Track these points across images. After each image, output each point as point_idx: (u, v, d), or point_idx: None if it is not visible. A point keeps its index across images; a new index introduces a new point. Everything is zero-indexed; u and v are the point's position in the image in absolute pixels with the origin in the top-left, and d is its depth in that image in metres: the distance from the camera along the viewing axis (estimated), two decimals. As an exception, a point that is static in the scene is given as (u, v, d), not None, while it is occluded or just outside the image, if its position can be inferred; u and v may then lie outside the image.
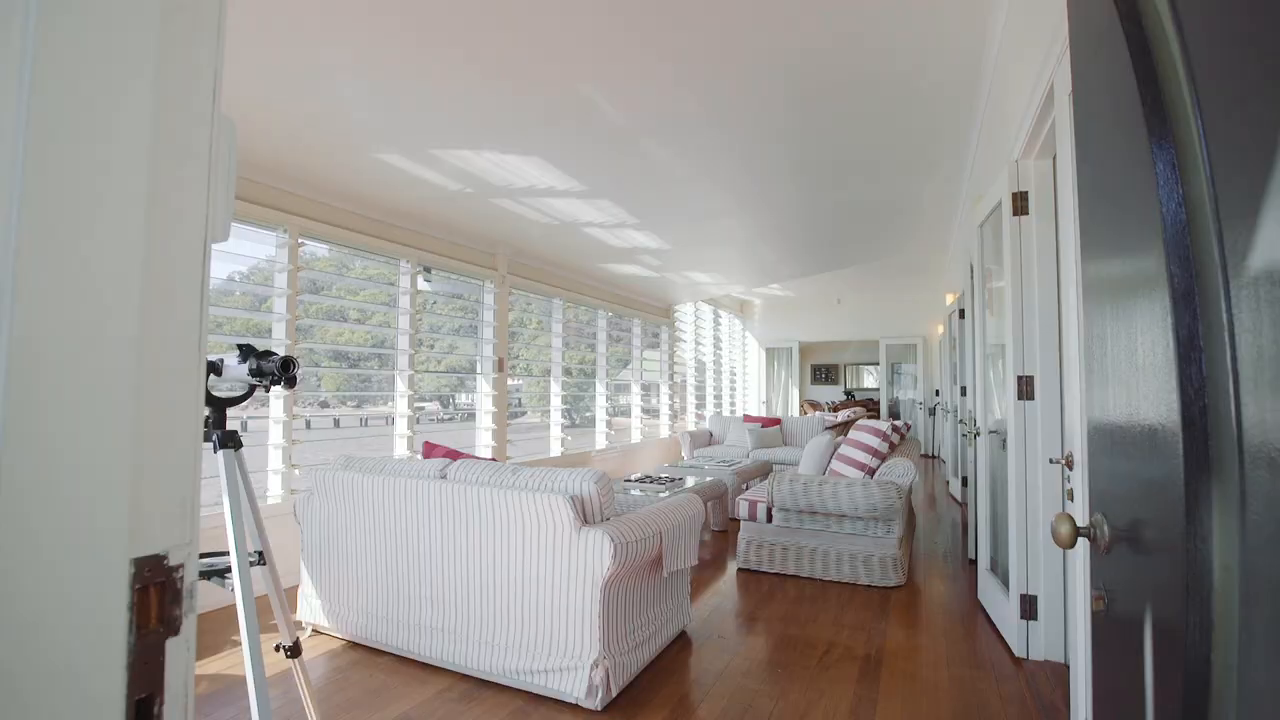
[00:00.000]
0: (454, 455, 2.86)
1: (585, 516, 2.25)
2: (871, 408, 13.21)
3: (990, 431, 3.17)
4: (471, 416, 6.16)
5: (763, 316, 11.97)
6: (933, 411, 10.58)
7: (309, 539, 2.85)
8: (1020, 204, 2.58)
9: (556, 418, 6.26)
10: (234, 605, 2.92)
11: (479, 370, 5.33)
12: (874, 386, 16.19)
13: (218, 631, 2.88)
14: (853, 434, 3.98)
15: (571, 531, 2.17)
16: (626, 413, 7.88)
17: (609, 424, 7.12)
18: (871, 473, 3.73)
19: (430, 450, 2.94)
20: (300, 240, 3.69)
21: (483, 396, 5.31)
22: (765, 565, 3.79)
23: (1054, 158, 2.51)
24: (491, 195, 4.21)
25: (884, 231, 6.23)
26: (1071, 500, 1.77)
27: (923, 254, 7.58)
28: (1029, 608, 2.52)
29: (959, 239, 6.06)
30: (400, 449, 4.42)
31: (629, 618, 2.35)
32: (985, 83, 3.05)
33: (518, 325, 6.24)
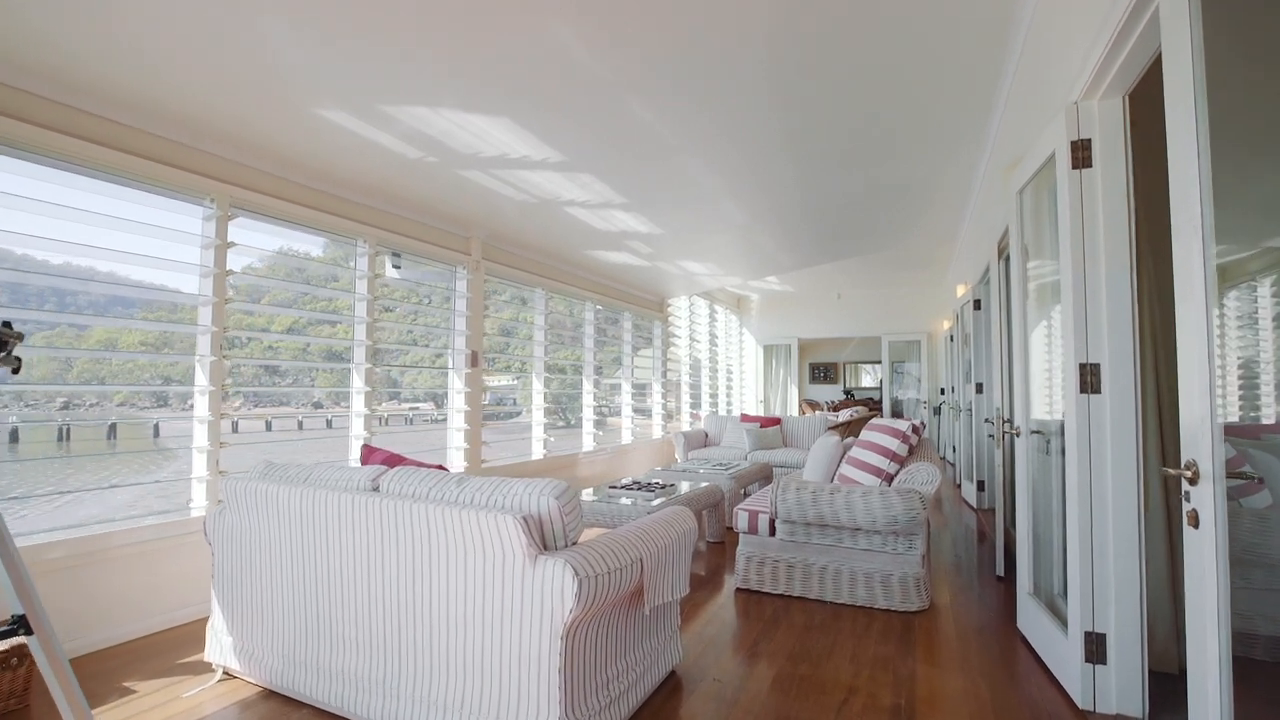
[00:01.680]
0: (394, 461, 2.37)
1: (544, 540, 1.77)
2: (873, 406, 12.76)
3: (1033, 432, 2.70)
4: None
5: (760, 312, 11.51)
6: (938, 410, 10.14)
7: (220, 562, 2.36)
8: (1082, 155, 2.11)
9: (539, 418, 5.77)
10: (146, 636, 2.38)
11: (450, 365, 4.84)
12: (872, 386, 15.78)
13: (110, 676, 2.39)
14: (866, 435, 3.51)
15: (524, 561, 1.69)
16: (619, 412, 7.40)
17: (599, 425, 6.63)
18: (889, 479, 3.25)
19: (369, 455, 2.46)
20: (232, 212, 3.19)
21: (455, 394, 4.82)
22: (768, 585, 3.31)
23: (1125, 96, 2.05)
24: (458, 165, 3.72)
25: (889, 218, 5.76)
26: (1195, 526, 1.29)
27: (929, 244, 7.13)
28: (1096, 649, 2.05)
29: (971, 227, 5.61)
30: (355, 453, 3.93)
31: (602, 666, 1.87)
32: (1025, 7, 2.55)
33: (513, 322, 5.76)
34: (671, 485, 4.38)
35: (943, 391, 9.58)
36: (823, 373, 16.08)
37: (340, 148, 3.33)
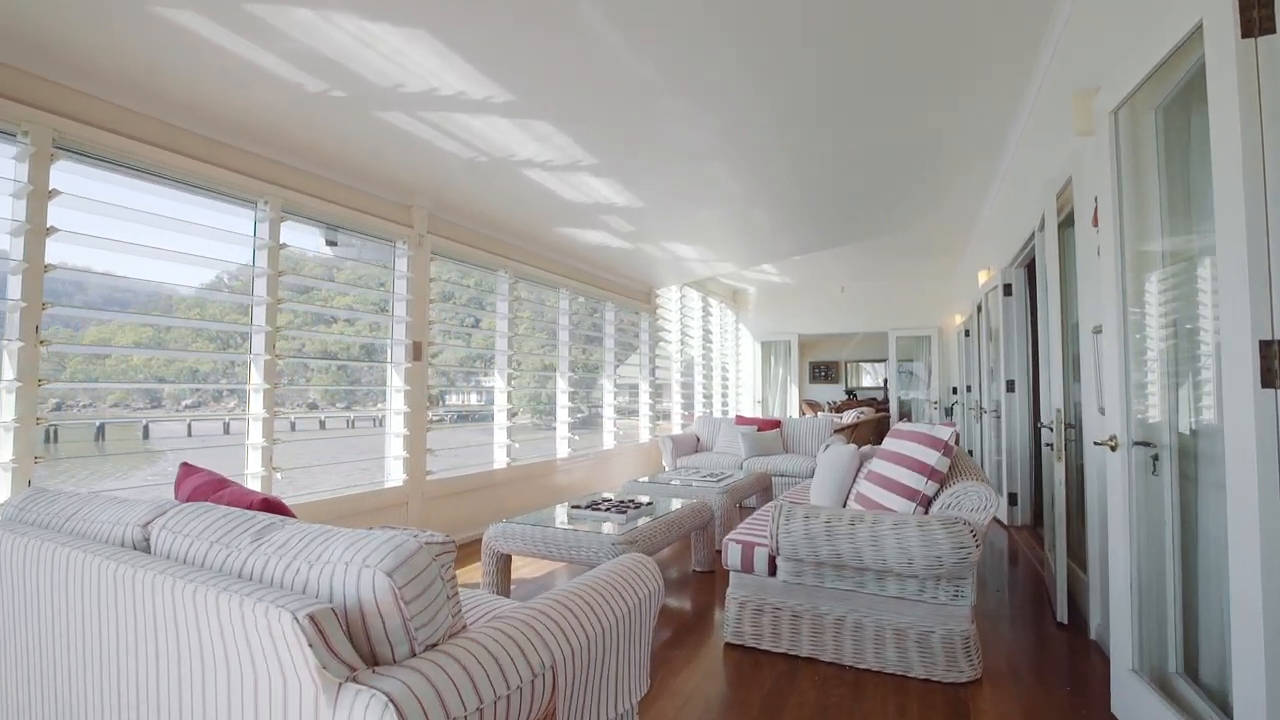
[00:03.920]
0: (213, 488, 1.60)
1: (370, 647, 1.00)
2: (880, 407, 12.00)
3: (1137, 443, 1.94)
4: (478, 418, 4.96)
5: (758, 307, 10.74)
6: (949, 411, 9.39)
7: (-48, 641, 1.58)
8: (1260, 14, 1.35)
9: (502, 420, 5.00)
10: None
11: (389, 359, 4.07)
12: (874, 386, 15.05)
13: None
14: (893, 445, 2.74)
15: (315, 694, 0.91)
16: (602, 414, 6.63)
17: (577, 428, 5.86)
18: (926, 502, 2.49)
19: (184, 478, 1.68)
20: (54, 150, 2.42)
21: (393, 392, 4.04)
22: (767, 641, 2.55)
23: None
24: (375, 104, 2.95)
25: (897, 189, 5.01)
26: None
27: (943, 227, 6.38)
28: (1296, 799, 1.28)
29: (1000, 198, 4.87)
30: (254, 466, 3.15)
31: None
32: None
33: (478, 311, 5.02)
34: (649, 504, 3.60)
35: (955, 391, 8.84)
36: (823, 372, 15.33)
37: (211, 71, 2.55)
